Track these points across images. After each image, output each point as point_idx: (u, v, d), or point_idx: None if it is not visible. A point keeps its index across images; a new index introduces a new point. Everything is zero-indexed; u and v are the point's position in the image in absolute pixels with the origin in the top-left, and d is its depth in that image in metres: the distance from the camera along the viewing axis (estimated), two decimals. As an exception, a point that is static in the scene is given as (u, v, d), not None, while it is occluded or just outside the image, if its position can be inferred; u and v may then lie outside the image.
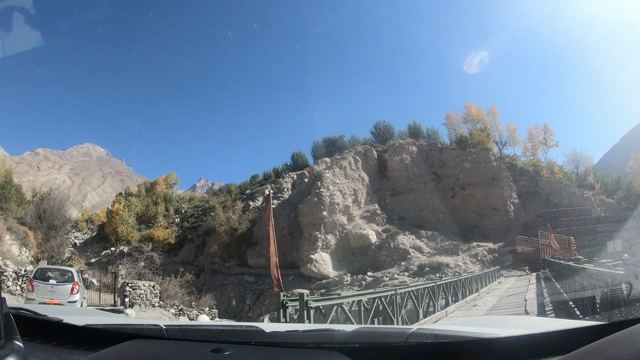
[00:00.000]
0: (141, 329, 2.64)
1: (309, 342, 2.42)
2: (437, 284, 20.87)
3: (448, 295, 22.49)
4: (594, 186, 66.83)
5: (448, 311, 20.32)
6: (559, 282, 24.69)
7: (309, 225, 54.89)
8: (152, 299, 32.31)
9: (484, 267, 48.36)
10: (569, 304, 15.64)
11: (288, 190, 64.59)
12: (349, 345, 2.27)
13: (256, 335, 2.46)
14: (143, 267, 38.32)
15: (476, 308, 21.05)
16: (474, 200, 62.11)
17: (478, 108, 73.59)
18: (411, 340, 2.20)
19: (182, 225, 69.46)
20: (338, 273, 52.24)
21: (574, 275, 14.15)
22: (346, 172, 61.08)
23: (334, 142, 72.40)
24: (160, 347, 2.41)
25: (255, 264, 56.42)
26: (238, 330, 2.65)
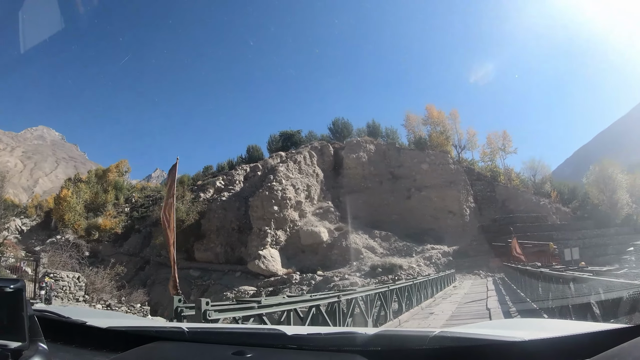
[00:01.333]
0: (163, 331, 2.71)
1: (331, 345, 2.37)
2: (390, 288, 18.36)
3: (402, 301, 20.18)
4: (550, 194, 67.58)
5: (401, 320, 17.95)
6: (522, 288, 22.99)
7: (259, 220, 52.43)
8: (77, 292, 28.98)
9: (438, 270, 46.95)
10: (542, 315, 14.07)
11: (240, 182, 62.04)
12: (370, 348, 2.19)
13: (278, 338, 2.42)
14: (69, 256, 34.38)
15: (433, 317, 18.90)
16: (430, 203, 60.84)
17: (439, 111, 73.20)
18: (433, 344, 2.10)
19: (131, 215, 66.17)
20: (287, 271, 50.10)
21: (566, 283, 12.22)
22: (300, 166, 58.95)
23: (291, 137, 70.41)
24: (182, 349, 2.43)
25: (202, 258, 54.06)
26: (260, 333, 2.79)
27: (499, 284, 34.47)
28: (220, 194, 59.55)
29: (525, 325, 3.25)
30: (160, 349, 2.37)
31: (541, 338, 2.03)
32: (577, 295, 9.93)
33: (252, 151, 72.05)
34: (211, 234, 54.68)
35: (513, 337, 2.04)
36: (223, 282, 49.72)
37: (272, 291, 45.79)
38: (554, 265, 28.43)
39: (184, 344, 2.50)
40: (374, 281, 43.23)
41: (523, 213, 60.19)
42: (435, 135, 67.67)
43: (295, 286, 46.18)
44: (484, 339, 2.09)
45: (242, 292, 46.01)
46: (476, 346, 2.06)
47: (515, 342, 2.00)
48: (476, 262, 52.05)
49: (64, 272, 29.62)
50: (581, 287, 9.68)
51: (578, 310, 9.53)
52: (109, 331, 2.55)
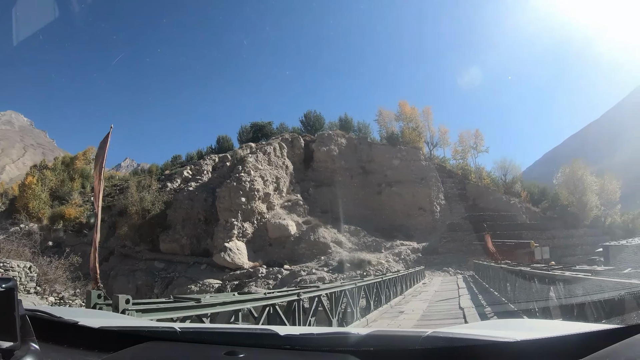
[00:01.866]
0: (156, 331, 2.71)
1: (324, 345, 2.35)
2: (358, 285, 17.11)
3: (370, 298, 18.89)
4: (520, 194, 67.90)
5: (369, 319, 16.77)
6: (497, 287, 22.32)
7: (226, 211, 50.88)
8: (28, 283, 27.13)
9: (407, 266, 46.85)
10: (521, 315, 13.37)
11: (208, 173, 60.17)
12: (363, 348, 2.19)
13: (271, 339, 2.41)
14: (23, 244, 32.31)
15: (404, 316, 17.82)
16: (400, 199, 60.16)
17: (412, 107, 72.62)
18: (426, 344, 2.11)
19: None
20: (253, 264, 48.63)
21: (552, 283, 11.31)
22: (270, 158, 57.55)
23: (262, 128, 68.89)
24: (175, 349, 2.43)
25: (168, 249, 52.06)
26: (253, 333, 2.72)
27: (470, 282, 33.93)
28: (188, 184, 57.74)
29: (517, 326, 3.27)
30: (153, 349, 2.35)
31: (533, 338, 2.03)
32: (564, 295, 9.62)
33: (222, 142, 70.30)
34: (177, 225, 52.88)
35: (505, 338, 2.03)
36: (188, 274, 48.16)
37: (237, 285, 44.63)
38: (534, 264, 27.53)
39: (177, 344, 2.48)
40: (342, 276, 41.69)
41: (493, 212, 60.40)
42: (407, 132, 67.00)
43: (261, 280, 45.04)
44: (477, 339, 2.08)
45: (206, 285, 44.84)
46: (468, 346, 2.06)
47: (507, 343, 2.00)
48: (446, 259, 52.02)
49: (14, 261, 27.80)
50: (571, 288, 9.25)
51: (564, 311, 9.36)
52: (101, 331, 2.53)
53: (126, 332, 2.61)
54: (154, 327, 2.92)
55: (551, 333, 2.12)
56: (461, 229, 57.02)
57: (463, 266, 49.37)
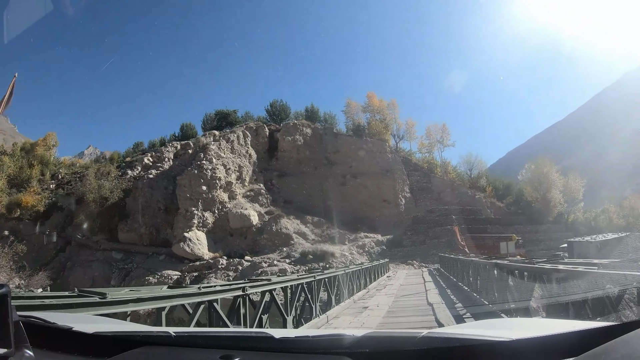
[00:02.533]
0: (150, 335, 2.66)
1: (318, 347, 2.33)
2: (317, 278, 15.44)
3: (331, 292, 17.33)
4: (485, 189, 67.74)
5: (330, 316, 15.08)
6: (465, 281, 21.01)
7: (186, 200, 49.29)
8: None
9: (371, 258, 45.55)
10: (498, 314, 12.11)
11: (169, 160, 57.96)
12: (358, 350, 2.18)
13: (266, 342, 2.42)
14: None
15: (368, 312, 16.19)
16: (365, 190, 59.22)
17: (380, 100, 71.37)
18: (421, 345, 2.12)
19: (57, 192, 61.05)
20: (213, 255, 47.31)
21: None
22: (233, 146, 55.93)
23: (227, 116, 66.73)
24: (169, 354, 2.43)
25: (126, 239, 50.00)
26: (247, 336, 2.82)
27: (436, 276, 32.74)
28: (148, 171, 55.53)
29: (512, 325, 3.47)
30: (147, 354, 2.35)
31: (528, 337, 2.04)
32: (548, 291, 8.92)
33: (186, 129, 67.47)
34: (136, 214, 50.75)
35: (501, 337, 2.04)
36: (146, 265, 46.41)
37: (197, 276, 43.43)
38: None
39: (171, 348, 2.47)
40: (304, 268, 41.41)
41: (458, 205, 59.98)
42: (374, 124, 66.09)
43: (221, 271, 43.74)
44: (472, 339, 2.10)
45: (165, 276, 43.19)
46: (464, 346, 2.07)
47: (503, 342, 2.00)
48: (410, 252, 51.26)
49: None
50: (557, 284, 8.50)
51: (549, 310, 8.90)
52: (96, 336, 2.50)
53: (121, 337, 2.55)
54: (148, 332, 2.78)
55: (547, 331, 2.13)
56: (426, 222, 56.36)
57: (428, 259, 48.71)
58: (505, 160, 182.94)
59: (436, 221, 56.34)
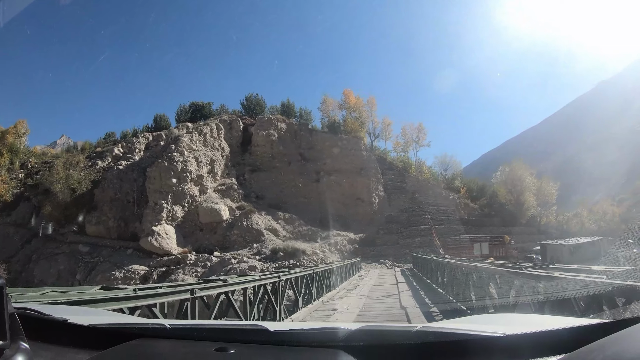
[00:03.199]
0: (146, 328, 2.68)
1: (313, 340, 2.32)
2: (283, 278, 14.24)
3: (298, 293, 16.31)
4: (459, 190, 67.33)
5: (295, 319, 14.00)
6: (440, 283, 20.15)
7: (156, 193, 47.76)
8: None
9: (343, 257, 45.54)
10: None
11: (140, 151, 56.60)
12: (353, 344, 2.18)
13: (261, 334, 2.41)
14: None
15: (337, 316, 15.15)
16: (339, 188, 58.03)
17: (357, 97, 70.52)
18: (416, 339, 2.13)
19: (25, 182, 58.83)
20: (182, 250, 45.78)
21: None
22: (206, 139, 54.48)
23: (201, 109, 65.48)
24: (165, 346, 2.44)
25: (94, 232, 48.30)
26: (242, 329, 2.77)
27: (409, 276, 31.90)
28: (118, 162, 53.92)
29: (505, 320, 3.26)
30: (143, 346, 2.34)
31: (522, 333, 2.06)
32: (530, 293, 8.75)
33: (160, 121, 65.90)
34: (104, 206, 49.24)
35: (495, 332, 2.05)
36: (113, 259, 44.69)
37: (164, 272, 42.02)
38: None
39: (167, 340, 2.47)
40: (274, 266, 40.47)
41: (432, 206, 59.54)
42: (350, 121, 64.99)
43: (189, 267, 42.29)
44: (466, 334, 2.10)
45: (132, 271, 41.92)
46: (458, 341, 2.07)
47: (496, 337, 2.02)
48: (383, 251, 50.70)
49: None
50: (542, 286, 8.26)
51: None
52: (91, 328, 2.49)
53: (116, 329, 2.56)
54: (143, 324, 2.77)
55: (541, 327, 2.14)
56: (399, 222, 56.01)
57: (400, 259, 48.35)
58: (479, 162, 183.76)
59: (410, 221, 56.05)
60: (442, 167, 72.62)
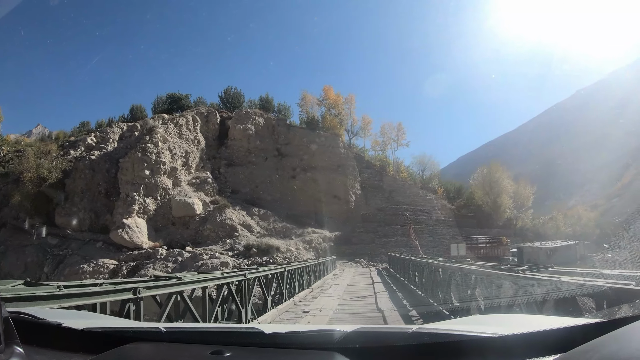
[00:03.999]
0: (141, 331, 2.65)
1: (309, 343, 2.32)
2: (249, 277, 12.40)
3: (267, 293, 14.67)
4: (436, 190, 66.93)
5: (263, 322, 12.43)
6: (417, 283, 19.17)
7: (128, 185, 46.29)
8: None
9: (318, 255, 44.27)
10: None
11: (114, 142, 54.51)
12: (349, 346, 2.15)
13: (256, 337, 2.39)
14: None
15: (308, 318, 13.83)
16: (315, 185, 56.91)
17: (337, 94, 69.30)
18: (411, 340, 2.13)
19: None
20: (153, 244, 44.53)
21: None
22: (181, 130, 53.11)
23: (178, 100, 63.50)
24: (160, 349, 2.41)
25: (63, 223, 46.53)
26: (238, 331, 2.76)
27: (386, 276, 30.98)
28: (90, 152, 51.89)
29: (501, 321, 3.28)
30: (138, 350, 2.30)
31: (518, 333, 2.06)
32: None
33: (136, 111, 63.68)
34: (75, 197, 47.61)
35: (491, 333, 2.05)
36: (82, 252, 43.14)
37: (134, 266, 40.81)
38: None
39: (162, 344, 2.44)
40: (246, 262, 39.21)
41: (409, 205, 58.79)
42: (329, 118, 63.99)
43: (160, 262, 41.01)
44: (461, 335, 2.09)
45: (101, 265, 40.52)
46: (454, 342, 2.06)
47: (492, 338, 2.01)
48: (358, 250, 49.92)
49: None
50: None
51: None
52: (86, 332, 2.46)
53: (111, 333, 2.53)
54: (138, 328, 2.84)
55: (536, 327, 2.14)
56: (376, 221, 55.31)
57: (376, 258, 47.76)
58: (455, 165, 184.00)
59: (386, 220, 55.34)
60: (420, 167, 71.69)
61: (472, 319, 4.57)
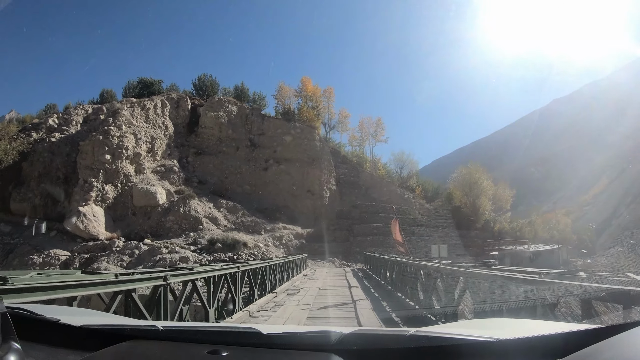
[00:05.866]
0: (138, 329, 2.57)
1: (306, 344, 2.25)
2: (184, 279, 9.12)
3: (211, 301, 10.72)
4: (415, 190, 63.96)
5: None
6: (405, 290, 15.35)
7: (87, 170, 41.44)
8: None
9: (288, 252, 41.72)
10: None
11: (78, 124, 49.45)
12: (346, 347, 2.08)
13: (253, 337, 2.30)
14: None
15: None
16: (288, 178, 53.19)
17: (315, 86, 64.96)
18: (409, 343, 2.05)
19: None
20: (110, 235, 39.81)
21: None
22: (149, 114, 48.31)
23: (150, 86, 58.62)
24: (157, 348, 2.35)
25: (18, 209, 42.13)
26: (235, 331, 2.60)
27: (363, 279, 26.62)
28: (51, 134, 46.87)
29: (499, 325, 3.22)
30: (135, 348, 2.25)
31: (516, 338, 2.01)
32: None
33: (106, 96, 58.67)
34: (32, 181, 43.16)
35: (488, 337, 1.98)
36: (33, 242, 38.52)
37: (87, 259, 36.24)
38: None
39: (159, 342, 2.36)
40: (208, 258, 35.83)
41: (386, 203, 54.80)
42: (305, 110, 60.00)
43: (115, 255, 36.55)
44: (459, 339, 2.02)
45: (52, 256, 36.21)
46: (451, 345, 1.99)
47: (490, 342, 1.95)
48: (332, 249, 45.60)
49: None
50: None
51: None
52: (83, 329, 2.38)
53: (108, 330, 2.45)
54: (136, 326, 2.67)
55: (534, 332, 2.09)
56: (351, 218, 51.88)
57: (350, 257, 44.37)
58: (429, 168, 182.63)
59: (361, 217, 51.88)
60: (398, 165, 68.48)
61: (470, 323, 4.02)
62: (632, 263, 44.87)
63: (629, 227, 62.36)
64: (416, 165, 72.52)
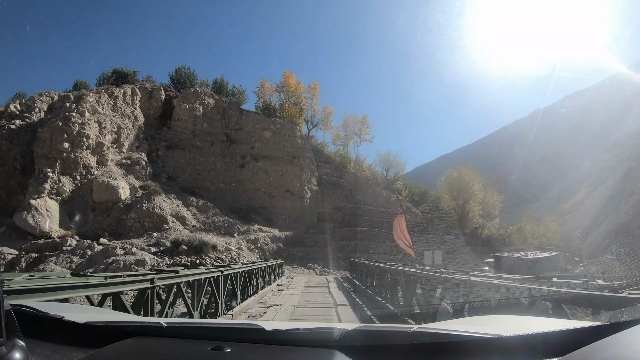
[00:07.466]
0: (142, 326, 2.57)
1: (309, 340, 2.20)
2: (109, 291, 6.93)
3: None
4: (401, 192, 58.52)
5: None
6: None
7: (43, 159, 36.34)
8: None
9: (264, 257, 36.92)
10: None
11: (41, 112, 43.72)
12: (349, 344, 2.05)
13: (257, 333, 2.30)
14: None
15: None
16: (266, 176, 48.59)
17: (298, 81, 60.13)
18: (412, 339, 2.02)
19: None
20: (64, 233, 34.37)
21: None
22: (117, 102, 42.89)
23: (125, 76, 52.88)
24: (161, 344, 2.30)
25: (-32, 202, 36.75)
26: (239, 328, 2.65)
27: (351, 291, 21.07)
28: (11, 121, 41.44)
29: (501, 322, 3.09)
30: (139, 345, 2.21)
31: (518, 334, 1.97)
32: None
33: (80, 86, 53.15)
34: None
35: (490, 333, 1.96)
36: (-21, 239, 33.35)
37: (35, 259, 31.11)
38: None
39: (163, 339, 2.34)
40: (168, 262, 31.11)
41: (371, 206, 51.33)
42: (287, 105, 55.41)
43: (65, 255, 31.28)
44: (462, 335, 2.00)
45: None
46: (454, 342, 1.98)
47: (492, 338, 1.92)
48: (312, 254, 41.40)
49: None
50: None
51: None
52: (87, 326, 2.37)
53: (112, 327, 2.44)
54: (140, 322, 2.70)
55: (535, 329, 2.05)
56: (333, 221, 47.00)
57: (332, 264, 39.23)
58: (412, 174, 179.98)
59: (345, 220, 47.47)
60: (384, 167, 63.70)
61: (472, 320, 4.18)
62: (619, 270, 40.98)
63: (609, 235, 58.82)
64: (403, 167, 67.64)
